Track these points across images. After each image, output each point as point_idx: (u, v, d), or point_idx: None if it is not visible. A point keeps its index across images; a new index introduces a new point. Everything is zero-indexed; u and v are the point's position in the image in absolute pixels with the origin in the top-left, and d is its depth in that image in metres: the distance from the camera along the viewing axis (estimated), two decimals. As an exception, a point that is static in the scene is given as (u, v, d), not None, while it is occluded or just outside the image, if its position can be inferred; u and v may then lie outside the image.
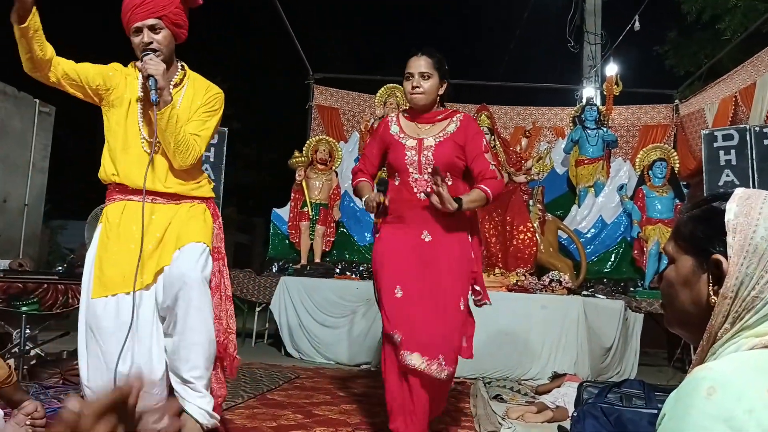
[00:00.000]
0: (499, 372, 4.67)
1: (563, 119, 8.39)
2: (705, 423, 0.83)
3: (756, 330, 0.95)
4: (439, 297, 2.67)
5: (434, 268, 2.69)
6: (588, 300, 5.06)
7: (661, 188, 6.48)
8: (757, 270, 0.95)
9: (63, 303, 3.99)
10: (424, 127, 2.83)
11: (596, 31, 9.36)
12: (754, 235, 0.96)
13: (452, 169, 2.78)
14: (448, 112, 2.88)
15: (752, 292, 0.95)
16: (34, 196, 8.07)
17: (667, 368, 5.54)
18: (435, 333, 2.62)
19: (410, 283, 2.68)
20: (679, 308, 1.06)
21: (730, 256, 0.97)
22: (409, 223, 2.75)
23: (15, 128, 7.66)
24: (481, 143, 2.80)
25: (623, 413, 2.56)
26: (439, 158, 2.72)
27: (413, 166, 2.76)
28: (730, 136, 5.97)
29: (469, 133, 2.80)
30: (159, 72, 2.29)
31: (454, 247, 2.73)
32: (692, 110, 7.76)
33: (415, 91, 2.77)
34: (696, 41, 10.47)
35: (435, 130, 2.81)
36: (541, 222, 6.11)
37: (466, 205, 2.65)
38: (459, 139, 2.78)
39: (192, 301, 2.28)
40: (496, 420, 3.27)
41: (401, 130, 2.86)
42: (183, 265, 2.32)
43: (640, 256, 6.40)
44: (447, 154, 2.75)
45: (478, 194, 2.69)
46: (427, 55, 2.78)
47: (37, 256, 8.13)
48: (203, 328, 2.32)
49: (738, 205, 0.99)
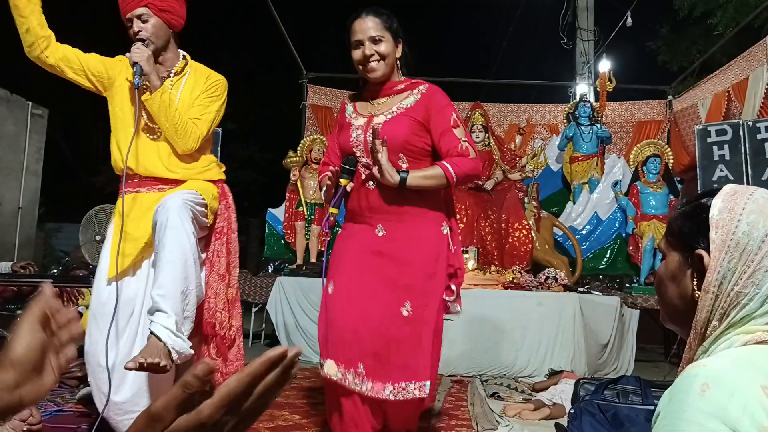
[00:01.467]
0: (496, 370, 4.68)
1: (557, 116, 8.40)
2: (699, 419, 0.83)
3: (746, 327, 0.95)
4: (380, 301, 2.24)
5: (384, 269, 2.27)
6: (584, 297, 5.07)
7: (656, 184, 6.50)
8: (739, 265, 0.95)
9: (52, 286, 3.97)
10: (379, 102, 2.40)
11: (589, 28, 9.39)
12: (736, 230, 0.97)
13: (407, 150, 2.31)
14: (411, 82, 2.41)
15: (735, 287, 0.95)
16: (28, 198, 8.04)
17: (664, 364, 5.55)
18: (357, 339, 2.20)
19: (347, 280, 2.28)
20: (668, 303, 1.08)
21: (712, 251, 0.98)
22: (362, 217, 2.36)
23: (8, 131, 7.63)
24: (449, 117, 2.33)
25: (620, 410, 2.57)
26: (388, 138, 2.24)
27: (359, 148, 2.33)
28: (723, 131, 5.98)
29: (432, 106, 2.34)
30: (143, 59, 2.35)
31: (413, 242, 2.30)
32: (685, 106, 7.78)
33: (371, 59, 2.31)
34: (688, 37, 10.49)
35: (390, 105, 2.36)
36: (536, 219, 6.12)
37: (414, 180, 2.21)
38: (419, 114, 2.32)
39: (168, 221, 2.22)
40: (494, 418, 3.27)
41: (355, 110, 2.45)
42: (167, 199, 2.31)
43: (635, 252, 6.41)
44: (399, 133, 2.28)
45: (435, 171, 2.25)
46: (374, 15, 2.32)
47: (32, 259, 8.10)
48: (176, 248, 2.22)
49: (723, 201, 1.00)
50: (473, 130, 6.53)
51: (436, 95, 2.37)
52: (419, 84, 2.41)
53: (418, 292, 2.26)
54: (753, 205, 0.98)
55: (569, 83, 9.66)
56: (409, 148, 2.31)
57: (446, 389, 4.07)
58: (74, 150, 15.71)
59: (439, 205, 2.39)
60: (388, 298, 2.24)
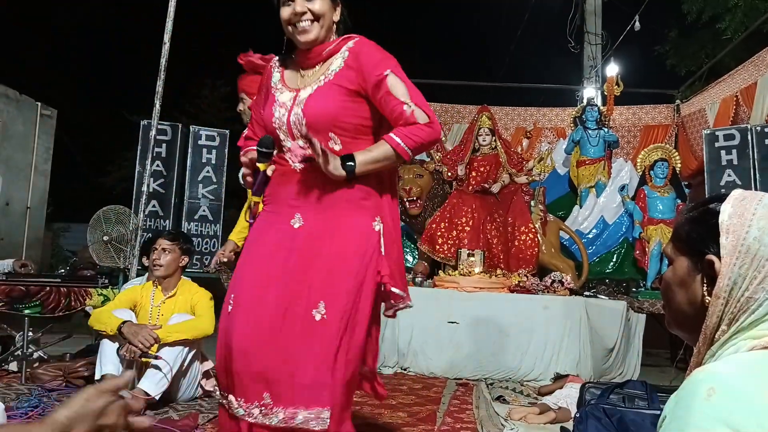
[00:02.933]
0: (502, 373, 4.67)
1: (564, 120, 8.39)
2: (705, 424, 0.83)
3: (753, 332, 0.95)
4: (289, 306, 1.80)
5: (295, 267, 1.83)
6: (590, 300, 5.06)
7: (663, 188, 6.48)
8: (750, 270, 0.95)
9: (65, 306, 4.00)
10: (308, 73, 1.96)
11: (597, 32, 9.38)
12: (746, 235, 0.96)
13: (339, 128, 1.88)
14: (338, 41, 1.94)
15: (746, 293, 0.95)
16: (37, 198, 8.08)
17: (670, 369, 5.53)
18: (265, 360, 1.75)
19: (250, 288, 1.85)
20: (676, 309, 1.08)
21: (723, 257, 0.98)
22: (280, 204, 1.93)
23: (17, 131, 7.68)
24: (385, 75, 1.84)
25: (626, 414, 2.56)
26: (312, 116, 1.86)
27: (282, 130, 1.92)
28: (731, 135, 5.97)
29: (364, 64, 1.87)
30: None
31: (337, 234, 1.86)
32: (693, 110, 7.76)
33: (303, 19, 1.88)
34: (697, 41, 10.46)
35: (319, 74, 1.93)
36: (542, 223, 6.11)
37: (363, 167, 1.82)
38: (348, 80, 1.88)
39: None
40: (499, 421, 3.27)
41: (282, 79, 2.01)
42: None
43: (641, 257, 6.40)
44: (325, 108, 1.87)
45: (384, 149, 1.83)
46: None
47: (40, 258, 8.14)
48: None
49: (733, 206, 1.00)
50: (480, 133, 6.53)
51: (364, 48, 1.91)
52: (348, 39, 1.94)
53: (336, 293, 1.80)
54: (763, 210, 0.98)
55: (576, 87, 9.65)
56: (340, 125, 1.88)
57: (451, 392, 4.07)
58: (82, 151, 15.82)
59: (376, 192, 1.94)
60: (297, 302, 1.80)
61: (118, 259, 5.14)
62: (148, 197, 5.26)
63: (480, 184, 6.39)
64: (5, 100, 7.48)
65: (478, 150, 6.58)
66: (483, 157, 6.54)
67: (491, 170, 6.46)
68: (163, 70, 5.03)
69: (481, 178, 6.45)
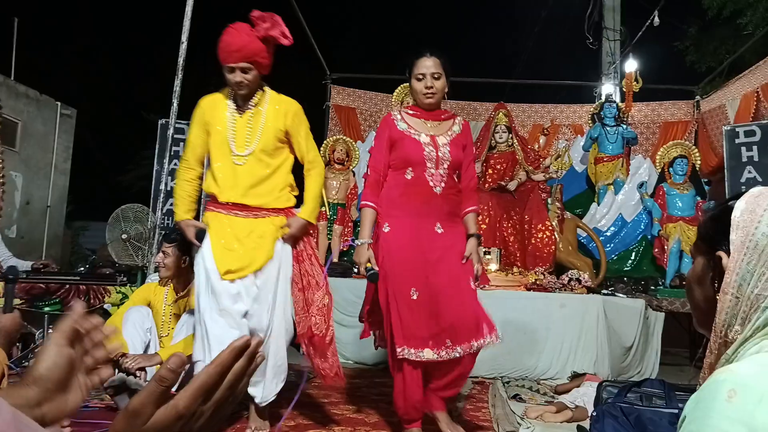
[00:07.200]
0: (518, 371, 4.65)
1: (582, 116, 8.33)
2: (725, 426, 0.82)
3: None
4: (455, 282, 2.84)
5: (449, 258, 2.87)
6: (608, 299, 5.02)
7: (682, 185, 6.40)
8: (758, 267, 0.94)
9: (85, 303, 4.04)
10: (431, 124, 2.99)
11: (615, 27, 9.29)
12: (755, 231, 0.95)
13: (459, 166, 3.01)
14: (449, 113, 3.10)
15: (755, 290, 0.94)
16: (57, 197, 8.18)
17: (689, 368, 5.48)
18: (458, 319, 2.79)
19: (425, 280, 2.83)
20: (696, 307, 1.07)
21: (731, 253, 0.96)
22: (423, 215, 2.91)
23: (37, 131, 7.77)
24: (473, 151, 3.16)
25: (643, 413, 2.53)
26: (453, 156, 2.95)
27: (431, 161, 2.91)
28: (752, 132, 5.89)
29: (468, 139, 3.07)
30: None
31: (460, 238, 2.96)
32: (713, 106, 7.66)
33: (429, 91, 2.93)
34: (717, 36, 10.32)
35: (443, 129, 3.00)
36: (559, 220, 6.07)
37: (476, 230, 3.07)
38: (462, 141, 3.01)
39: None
40: (515, 420, 3.26)
41: (410, 126, 2.98)
42: None
43: (660, 254, 6.33)
44: (457, 153, 2.97)
45: (474, 217, 3.08)
46: (436, 56, 2.93)
47: (60, 257, 8.24)
48: None
49: (746, 203, 0.99)
50: (497, 131, 6.50)
51: (469, 130, 3.10)
52: (455, 116, 3.11)
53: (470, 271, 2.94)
54: None
55: (595, 83, 9.57)
56: (459, 165, 3.01)
57: (467, 390, 4.06)
58: (102, 149, 15.97)
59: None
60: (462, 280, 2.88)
61: (136, 257, 5.19)
62: (165, 195, 5.30)
63: (497, 181, 6.36)
64: (26, 100, 7.58)
65: (494, 147, 6.55)
66: (500, 154, 6.51)
67: (508, 168, 6.43)
68: (180, 69, 5.06)
69: (498, 175, 6.42)
